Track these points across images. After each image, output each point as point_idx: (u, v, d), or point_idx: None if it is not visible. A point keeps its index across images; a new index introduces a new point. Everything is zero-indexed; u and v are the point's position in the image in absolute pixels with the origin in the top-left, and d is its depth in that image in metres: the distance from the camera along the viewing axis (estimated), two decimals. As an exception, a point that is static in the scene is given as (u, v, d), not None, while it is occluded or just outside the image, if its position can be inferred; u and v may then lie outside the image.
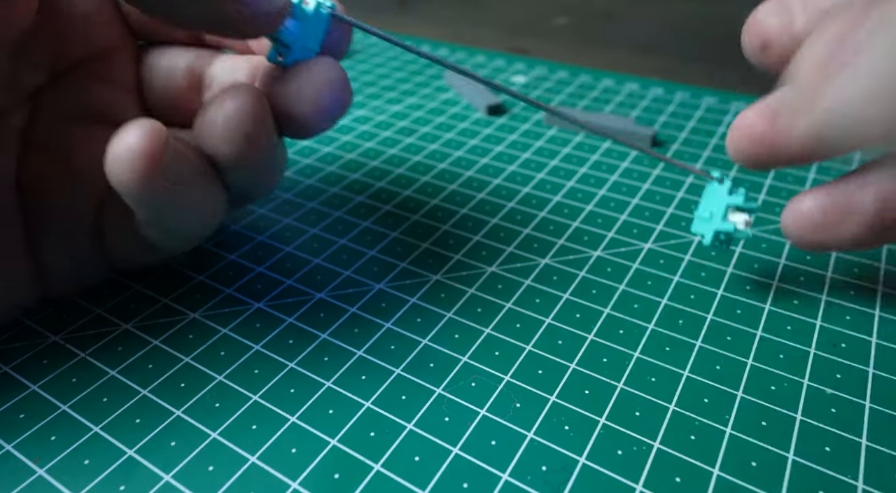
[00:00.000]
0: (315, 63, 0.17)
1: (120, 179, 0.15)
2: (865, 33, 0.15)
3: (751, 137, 0.18)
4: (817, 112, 0.16)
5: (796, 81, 0.17)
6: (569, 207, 0.25)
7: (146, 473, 0.15)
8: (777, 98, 0.17)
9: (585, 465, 0.15)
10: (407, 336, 0.19)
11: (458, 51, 0.41)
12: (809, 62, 0.16)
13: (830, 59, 0.16)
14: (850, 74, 0.15)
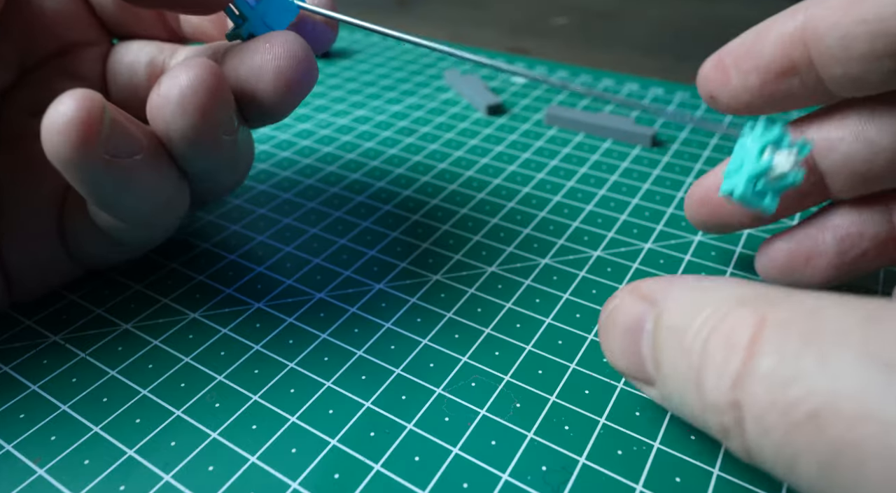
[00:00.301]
0: (275, 36, 0.16)
1: (53, 149, 0.14)
2: None
3: (704, 204, 0.19)
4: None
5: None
6: (569, 207, 0.25)
7: (146, 473, 0.15)
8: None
9: (585, 465, 0.15)
10: (407, 336, 0.19)
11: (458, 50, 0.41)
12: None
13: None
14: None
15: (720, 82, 0.18)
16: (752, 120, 0.19)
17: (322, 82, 0.37)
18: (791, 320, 0.10)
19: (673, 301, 0.13)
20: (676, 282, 0.13)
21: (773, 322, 0.10)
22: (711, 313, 0.11)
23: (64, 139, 0.14)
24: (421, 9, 0.52)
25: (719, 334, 0.11)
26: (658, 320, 0.13)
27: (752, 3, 0.51)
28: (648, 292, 0.13)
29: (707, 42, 0.44)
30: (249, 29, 0.17)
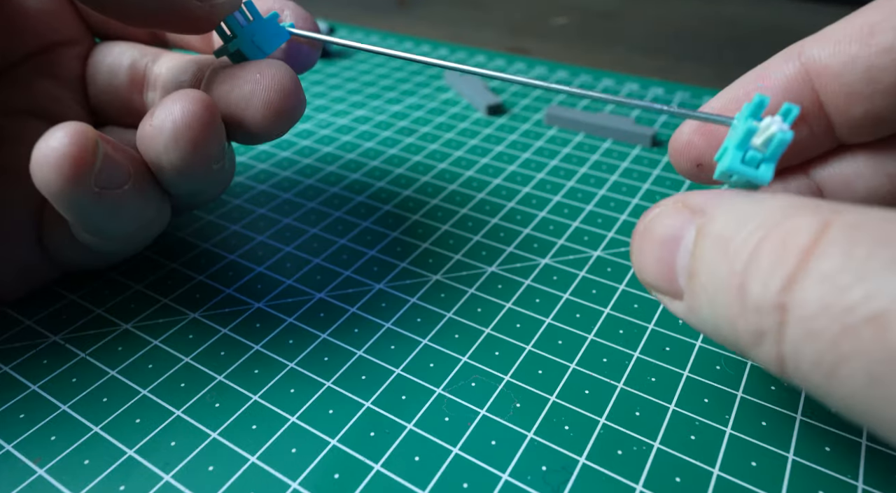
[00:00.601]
0: (267, 66, 0.17)
1: (44, 182, 0.14)
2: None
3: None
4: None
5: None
6: (569, 207, 0.25)
7: (146, 473, 0.15)
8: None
9: (585, 465, 0.15)
10: (407, 336, 0.19)
11: (458, 51, 0.41)
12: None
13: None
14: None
15: (710, 147, 0.16)
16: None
17: (322, 82, 0.37)
18: (860, 224, 0.09)
19: (722, 209, 0.12)
20: (728, 193, 0.12)
21: (840, 225, 0.10)
22: (765, 219, 0.11)
23: (56, 174, 0.14)
24: (421, 9, 0.52)
25: (774, 237, 0.10)
26: (703, 228, 0.12)
27: (752, 3, 0.51)
28: (695, 203, 0.12)
29: (707, 42, 0.44)
30: (238, 46, 0.18)
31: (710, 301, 0.11)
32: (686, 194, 0.13)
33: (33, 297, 0.21)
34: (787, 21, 0.46)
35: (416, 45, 0.42)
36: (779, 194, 0.11)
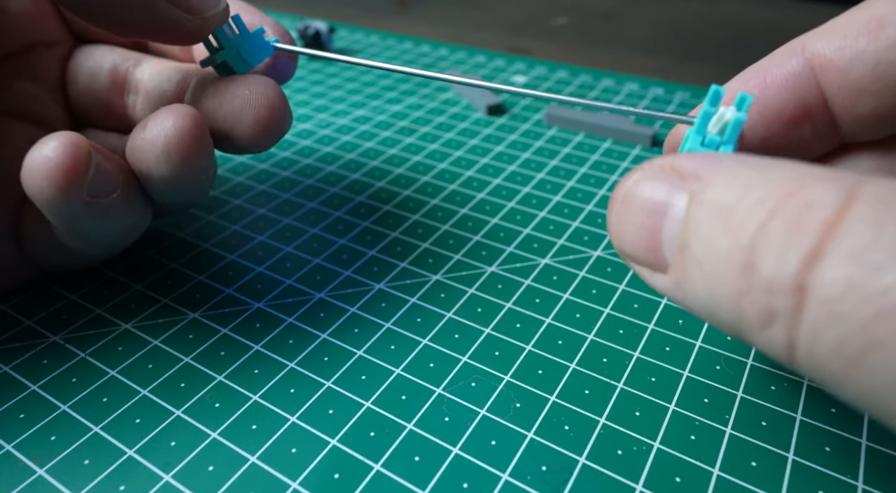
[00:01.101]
0: (255, 82, 0.17)
1: (35, 191, 0.15)
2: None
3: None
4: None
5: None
6: (569, 207, 0.25)
7: (146, 473, 0.15)
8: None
9: (585, 465, 0.15)
10: (407, 336, 0.19)
11: (458, 51, 0.41)
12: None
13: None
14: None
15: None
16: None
17: (322, 82, 0.37)
18: (889, 197, 0.08)
19: (721, 175, 0.10)
20: (721, 157, 0.11)
21: (867, 198, 0.08)
22: (775, 188, 0.09)
23: (49, 183, 0.15)
24: (421, 9, 0.52)
25: (788, 209, 0.09)
26: (696, 195, 0.11)
27: (752, 3, 0.51)
28: (686, 167, 0.11)
29: (707, 42, 0.44)
30: (225, 57, 0.18)
31: (706, 277, 0.10)
32: (674, 157, 0.12)
33: (33, 297, 0.21)
34: (788, 21, 0.46)
35: (416, 44, 0.42)
36: (787, 161, 0.10)
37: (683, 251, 0.11)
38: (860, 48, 0.13)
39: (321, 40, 0.40)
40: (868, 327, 0.08)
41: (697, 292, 0.11)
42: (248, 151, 0.18)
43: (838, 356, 0.08)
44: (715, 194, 0.10)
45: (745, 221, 0.09)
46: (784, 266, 0.09)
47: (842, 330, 0.08)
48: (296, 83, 0.37)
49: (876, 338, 0.08)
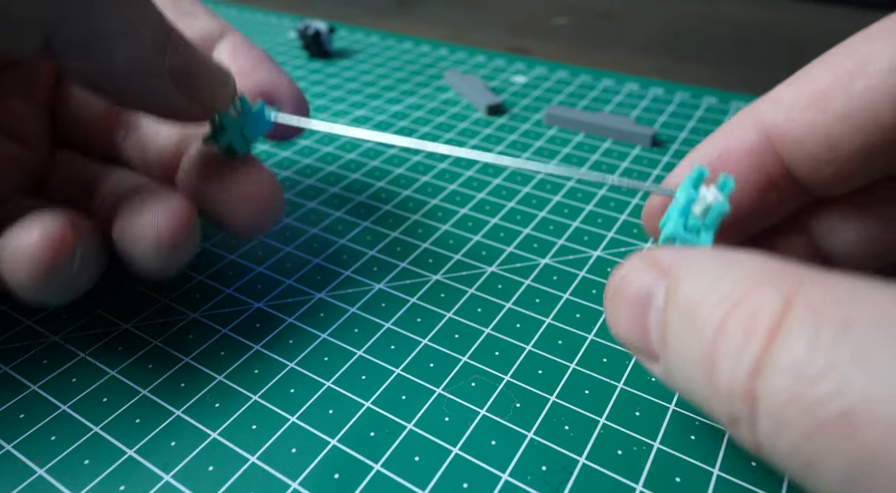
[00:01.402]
0: (258, 176, 0.18)
1: (12, 276, 0.15)
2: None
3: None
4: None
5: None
6: (569, 207, 0.25)
7: (146, 473, 0.15)
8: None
9: (585, 465, 0.15)
10: (407, 336, 0.19)
11: (458, 51, 0.41)
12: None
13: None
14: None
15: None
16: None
17: (322, 82, 0.37)
18: (824, 302, 0.09)
19: (689, 272, 0.11)
20: (696, 252, 0.12)
21: (803, 304, 0.09)
22: (731, 289, 0.10)
23: (27, 276, 0.14)
24: (421, 9, 0.52)
25: (740, 313, 0.10)
26: (671, 290, 0.11)
27: (752, 3, 0.51)
28: (664, 261, 0.12)
29: (707, 42, 0.44)
30: (229, 139, 0.18)
31: (683, 374, 0.11)
32: (655, 250, 0.13)
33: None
34: (787, 21, 0.46)
35: (416, 44, 0.42)
36: (751, 256, 0.11)
37: (663, 345, 0.11)
38: (809, 120, 0.13)
39: (321, 40, 0.40)
40: (811, 437, 0.08)
41: (680, 386, 0.11)
42: (238, 236, 0.18)
43: (795, 459, 0.09)
44: (684, 291, 0.11)
45: (707, 323, 0.10)
46: (737, 372, 0.09)
47: (791, 437, 0.09)
48: (296, 83, 0.37)
49: (818, 448, 0.08)
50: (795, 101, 0.13)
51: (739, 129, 0.15)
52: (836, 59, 0.13)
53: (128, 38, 0.15)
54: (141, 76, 0.16)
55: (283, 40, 0.44)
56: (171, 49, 0.16)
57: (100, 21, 0.15)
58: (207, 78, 0.17)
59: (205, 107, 0.17)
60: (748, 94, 0.35)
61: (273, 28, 0.47)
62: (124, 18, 0.15)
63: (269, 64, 0.21)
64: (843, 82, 0.13)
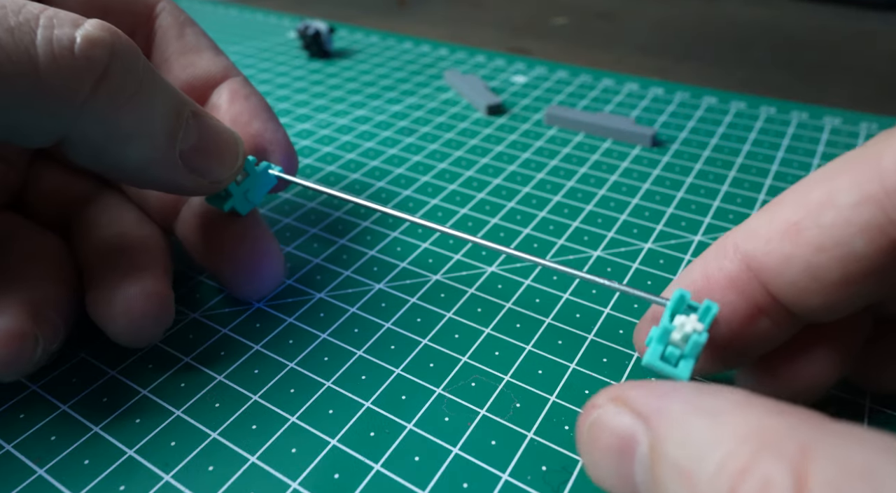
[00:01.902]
0: (258, 244, 0.19)
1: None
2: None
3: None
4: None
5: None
6: (569, 207, 0.25)
7: (146, 473, 0.15)
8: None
9: (585, 465, 0.15)
10: (407, 336, 0.19)
11: (458, 51, 0.41)
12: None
13: None
14: None
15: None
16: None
17: (322, 82, 0.37)
18: (839, 482, 0.08)
19: (674, 426, 0.11)
20: (670, 397, 0.11)
21: (819, 484, 0.08)
22: (728, 458, 0.09)
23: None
24: (421, 9, 0.52)
25: (748, 489, 0.09)
26: (656, 447, 0.11)
27: (752, 2, 0.51)
28: (638, 407, 0.11)
29: (707, 42, 0.44)
30: (233, 204, 0.19)
31: None
32: (622, 390, 0.12)
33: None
34: (787, 21, 0.46)
35: (416, 44, 0.42)
36: (729, 405, 0.10)
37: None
38: (786, 253, 0.13)
39: (321, 40, 0.40)
40: None
41: None
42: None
43: None
44: (672, 450, 0.10)
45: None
46: None
47: None
48: (296, 83, 0.37)
49: None
50: (770, 232, 0.13)
51: (720, 257, 0.14)
52: (805, 190, 0.13)
53: (139, 139, 0.16)
54: (152, 168, 0.16)
55: (283, 40, 0.44)
56: (183, 133, 0.17)
57: (112, 127, 0.15)
58: (218, 157, 0.18)
59: (214, 184, 0.18)
60: (748, 94, 0.35)
61: (273, 28, 0.47)
62: (137, 120, 0.15)
63: (266, 113, 0.21)
64: (813, 215, 0.13)
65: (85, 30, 0.14)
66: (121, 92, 0.15)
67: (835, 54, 0.40)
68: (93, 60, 0.14)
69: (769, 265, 0.13)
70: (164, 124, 0.16)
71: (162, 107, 0.16)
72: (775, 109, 0.33)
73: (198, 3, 0.53)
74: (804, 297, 0.13)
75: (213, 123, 0.18)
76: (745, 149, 0.29)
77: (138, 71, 0.15)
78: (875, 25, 0.44)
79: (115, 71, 0.14)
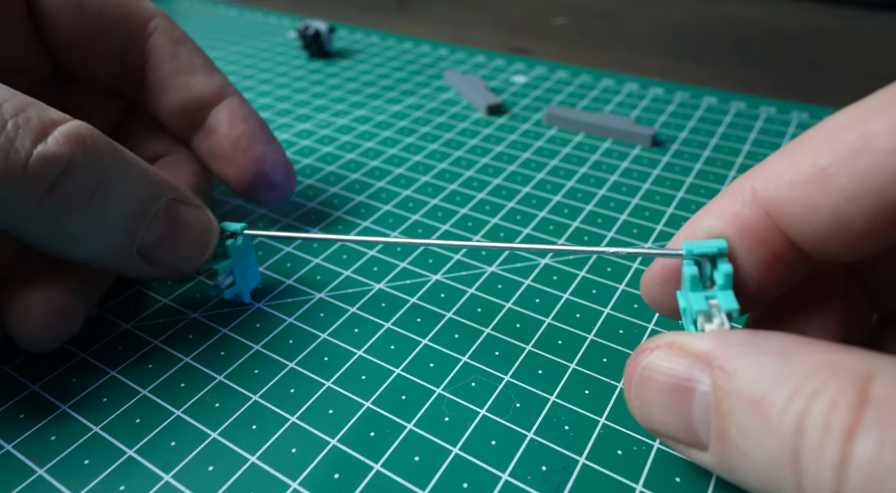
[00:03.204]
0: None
1: (20, 337, 0.16)
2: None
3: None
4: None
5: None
6: (569, 207, 0.25)
7: (146, 473, 0.15)
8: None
9: (585, 465, 0.15)
10: (407, 336, 0.19)
11: (458, 51, 0.41)
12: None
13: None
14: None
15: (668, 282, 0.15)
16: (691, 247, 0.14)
17: (322, 82, 0.37)
18: (894, 397, 0.09)
19: (744, 364, 0.11)
20: (727, 341, 0.12)
21: (876, 400, 0.09)
22: (803, 385, 0.10)
23: (36, 340, 0.16)
24: (421, 9, 0.52)
25: (818, 411, 0.10)
26: (723, 383, 0.11)
27: (752, 2, 0.51)
28: (696, 349, 0.12)
29: (707, 42, 0.44)
30: (228, 284, 0.19)
31: (757, 468, 0.11)
32: (678, 337, 0.12)
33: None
34: (787, 21, 0.46)
35: (416, 44, 0.42)
36: (796, 345, 0.11)
37: (723, 439, 0.11)
38: (812, 200, 0.12)
39: (321, 40, 0.40)
40: None
41: (748, 478, 0.11)
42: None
43: None
44: (742, 386, 0.11)
45: (785, 420, 0.10)
46: (822, 475, 0.10)
47: None
48: (296, 83, 0.37)
49: None
50: (795, 178, 0.13)
51: (736, 203, 0.14)
52: (836, 132, 0.12)
53: (91, 239, 0.16)
54: (104, 259, 0.17)
55: (283, 40, 0.44)
56: (145, 230, 0.17)
57: (60, 230, 0.15)
58: (183, 250, 0.18)
59: (173, 273, 0.18)
60: (748, 94, 0.35)
61: (273, 28, 0.47)
62: (88, 225, 0.16)
63: (265, 135, 0.22)
64: (844, 161, 0.12)
65: (45, 146, 0.14)
66: (69, 203, 0.15)
67: (835, 54, 0.40)
68: (43, 177, 0.14)
69: (792, 213, 0.13)
70: (124, 224, 0.16)
71: (126, 205, 0.16)
72: (775, 109, 0.33)
73: (198, 3, 0.53)
74: (826, 245, 0.13)
75: (186, 216, 0.18)
76: (745, 149, 0.29)
77: (96, 178, 0.15)
78: (875, 25, 0.44)
79: (64, 185, 0.15)
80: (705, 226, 0.14)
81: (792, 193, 0.13)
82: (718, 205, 0.14)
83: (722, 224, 0.14)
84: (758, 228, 0.14)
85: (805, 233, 0.13)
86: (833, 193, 0.12)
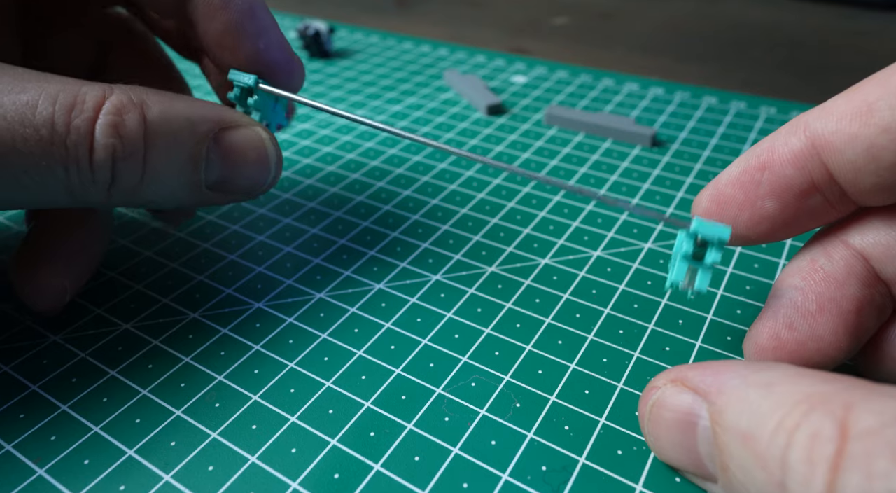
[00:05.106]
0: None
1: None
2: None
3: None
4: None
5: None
6: (569, 207, 0.25)
7: (146, 473, 0.15)
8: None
9: (585, 465, 0.15)
10: (407, 336, 0.19)
11: (458, 51, 0.41)
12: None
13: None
14: None
15: (728, 217, 0.16)
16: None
17: (322, 82, 0.37)
18: (877, 429, 0.09)
19: (732, 399, 0.12)
20: (726, 372, 0.12)
21: (858, 433, 0.10)
22: (784, 419, 0.11)
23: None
24: (421, 9, 0.52)
25: (800, 445, 0.10)
26: (717, 418, 0.12)
27: (752, 2, 0.51)
28: (697, 385, 0.13)
29: (707, 42, 0.44)
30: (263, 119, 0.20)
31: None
32: (680, 372, 0.13)
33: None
34: (787, 21, 0.46)
35: (416, 44, 0.42)
36: (781, 375, 0.11)
37: (725, 473, 0.12)
38: (853, 132, 0.14)
39: (321, 40, 0.40)
40: None
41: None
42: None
43: None
44: (733, 420, 0.12)
45: (771, 452, 0.11)
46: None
47: None
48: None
49: None
50: (843, 112, 0.14)
51: (788, 133, 0.15)
52: (891, 72, 0.14)
53: (164, 198, 0.17)
54: (188, 204, 0.18)
55: (283, 40, 0.44)
56: (204, 172, 0.17)
57: (134, 200, 0.17)
58: (248, 178, 0.18)
59: (256, 195, 0.19)
60: (748, 94, 0.35)
61: (273, 28, 0.47)
62: (152, 189, 0.16)
63: (255, 24, 0.21)
64: (888, 96, 0.13)
65: (97, 145, 0.15)
66: (126, 184, 0.16)
67: (835, 54, 0.40)
68: (105, 177, 0.16)
69: (834, 144, 0.14)
70: (183, 178, 0.17)
71: (175, 164, 0.16)
72: (775, 109, 0.33)
73: None
74: (859, 177, 0.14)
75: (237, 142, 0.18)
76: (745, 149, 0.29)
77: (136, 161, 0.16)
78: (875, 25, 0.44)
79: (116, 176, 0.16)
80: (754, 154, 0.16)
81: (837, 125, 0.14)
82: (775, 134, 0.16)
83: (769, 149, 0.15)
84: (801, 157, 0.15)
85: (842, 163, 0.14)
86: (871, 126, 0.13)
